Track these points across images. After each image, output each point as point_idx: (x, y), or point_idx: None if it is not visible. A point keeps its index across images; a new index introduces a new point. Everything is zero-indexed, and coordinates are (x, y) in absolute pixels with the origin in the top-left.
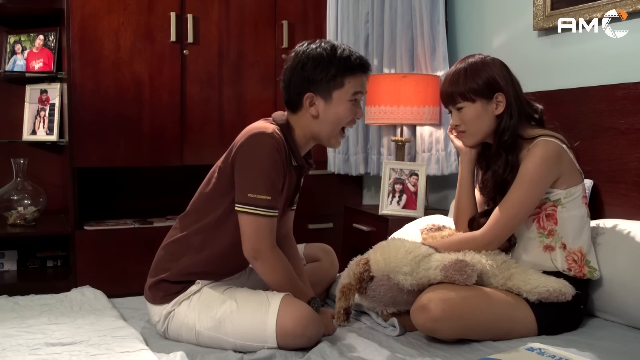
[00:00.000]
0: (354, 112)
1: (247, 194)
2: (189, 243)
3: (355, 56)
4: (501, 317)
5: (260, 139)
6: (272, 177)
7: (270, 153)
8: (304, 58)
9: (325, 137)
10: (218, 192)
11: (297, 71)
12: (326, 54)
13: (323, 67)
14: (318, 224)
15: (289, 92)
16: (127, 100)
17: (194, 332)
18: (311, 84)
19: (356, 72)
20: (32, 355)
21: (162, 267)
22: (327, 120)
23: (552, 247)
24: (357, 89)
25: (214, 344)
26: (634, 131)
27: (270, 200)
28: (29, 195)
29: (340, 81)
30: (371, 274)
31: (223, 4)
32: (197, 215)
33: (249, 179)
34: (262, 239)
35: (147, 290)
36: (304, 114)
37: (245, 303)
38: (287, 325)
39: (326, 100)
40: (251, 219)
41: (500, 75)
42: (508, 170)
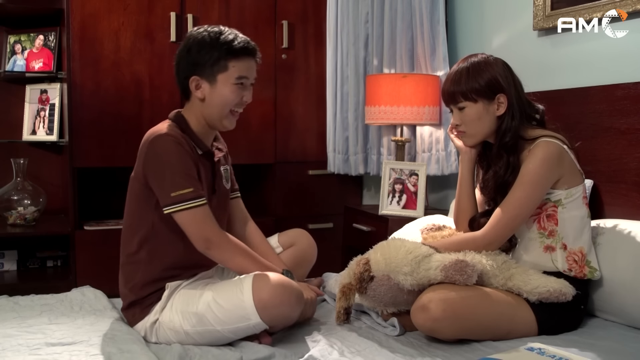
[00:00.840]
0: (240, 95)
1: (169, 194)
2: (136, 260)
3: (240, 40)
4: (501, 317)
5: (158, 142)
6: (185, 170)
7: (172, 149)
8: (190, 42)
9: (217, 119)
10: (141, 203)
11: (184, 55)
12: (210, 38)
13: (207, 51)
14: (318, 224)
15: (179, 77)
16: (127, 100)
17: (182, 334)
18: (196, 68)
19: (240, 56)
20: (32, 355)
21: (124, 293)
22: (214, 103)
23: (552, 247)
24: (241, 73)
25: (206, 339)
26: (634, 131)
27: (193, 191)
28: (29, 195)
29: (224, 64)
30: (371, 274)
31: (223, 4)
32: (131, 231)
33: (165, 181)
34: (205, 228)
35: (124, 314)
36: (193, 100)
37: (220, 290)
38: (264, 297)
39: (211, 84)
40: (185, 214)
41: (503, 76)
42: (509, 171)
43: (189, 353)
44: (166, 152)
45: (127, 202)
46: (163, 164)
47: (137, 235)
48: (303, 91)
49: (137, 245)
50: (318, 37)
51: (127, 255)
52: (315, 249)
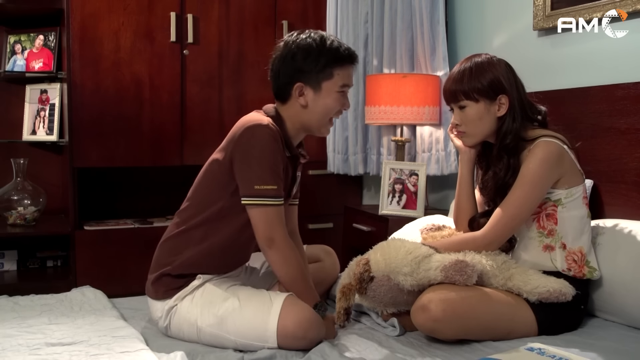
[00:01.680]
0: (342, 103)
1: (253, 186)
2: (189, 236)
3: (344, 47)
4: (501, 317)
5: (257, 131)
6: (274, 167)
7: (269, 143)
8: (294, 48)
9: (315, 126)
10: (217, 185)
11: (287, 61)
12: (316, 45)
13: (313, 58)
14: (318, 224)
15: (277, 82)
16: (127, 100)
17: (195, 329)
18: (301, 74)
19: (345, 63)
20: (32, 355)
21: (163, 262)
22: (316, 111)
23: (551, 247)
24: (345, 81)
25: (215, 342)
26: (634, 131)
27: (276, 189)
28: (29, 195)
29: (330, 72)
30: (371, 274)
31: (223, 4)
32: (196, 208)
33: (252, 171)
34: (275, 228)
35: (149, 286)
36: (292, 104)
37: (248, 302)
38: (289, 327)
39: (315, 91)
40: (261, 210)
41: (505, 77)
42: (509, 173)
43: (190, 352)
44: (262, 142)
45: (199, 180)
46: (255, 154)
47: (200, 215)
48: None
49: (196, 223)
50: None
51: (183, 230)
52: (338, 270)
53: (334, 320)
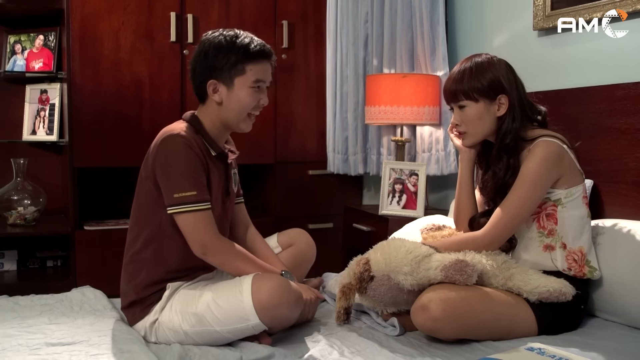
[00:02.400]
0: (257, 98)
1: (172, 195)
2: (141, 259)
3: (256, 44)
4: (501, 317)
5: (170, 142)
6: (191, 173)
7: (183, 151)
8: (206, 47)
9: (233, 122)
10: (150, 201)
11: (201, 59)
12: (226, 42)
13: (224, 55)
14: (318, 224)
15: (194, 81)
16: (127, 100)
17: (181, 334)
18: (213, 71)
19: (257, 59)
20: (32, 355)
21: (126, 291)
22: (231, 107)
23: (552, 246)
24: (258, 76)
25: (205, 339)
26: (634, 131)
27: (196, 195)
28: (29, 195)
29: (241, 68)
30: (371, 274)
31: (223, 4)
32: (138, 228)
33: (170, 181)
34: (203, 232)
35: (124, 313)
36: (210, 103)
37: (220, 290)
38: (263, 298)
39: (228, 87)
40: (185, 217)
41: (505, 77)
42: (509, 173)
43: (188, 353)
44: (175, 152)
45: (135, 200)
46: (170, 164)
47: (143, 234)
48: (303, 91)
49: (142, 243)
50: (318, 37)
51: (132, 254)
52: (314, 248)
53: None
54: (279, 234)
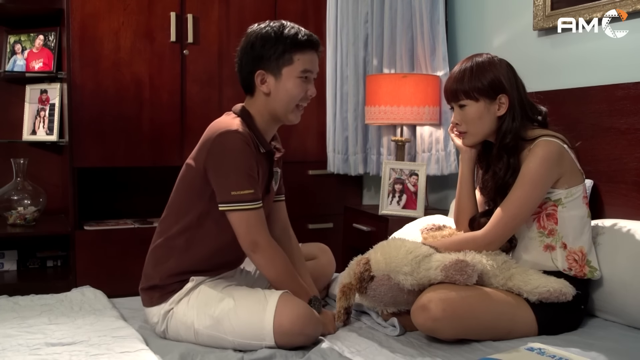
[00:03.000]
0: (305, 89)
1: (230, 192)
2: (172, 245)
3: (303, 33)
4: (501, 317)
5: (228, 137)
6: (248, 171)
7: (241, 148)
8: (252, 38)
9: (282, 113)
10: (194, 192)
11: (247, 51)
12: (274, 32)
13: (271, 45)
14: (318, 224)
15: (242, 73)
16: (127, 100)
17: (192, 331)
18: (261, 62)
19: (304, 49)
20: (32, 355)
21: (150, 274)
22: (279, 97)
23: (552, 246)
24: (306, 66)
25: (213, 343)
26: (634, 131)
27: (253, 193)
28: (29, 195)
29: (289, 58)
30: (372, 274)
31: (223, 4)
32: (176, 217)
33: (228, 178)
34: (257, 231)
35: (141, 293)
36: (258, 95)
37: (243, 301)
38: (285, 324)
39: (276, 77)
40: (241, 215)
41: (506, 77)
42: (509, 173)
43: (190, 352)
44: (233, 149)
45: (176, 188)
46: (229, 161)
47: (180, 222)
48: None
49: (177, 231)
50: (318, 37)
51: (165, 239)
52: (334, 266)
53: (333, 315)
54: (303, 245)
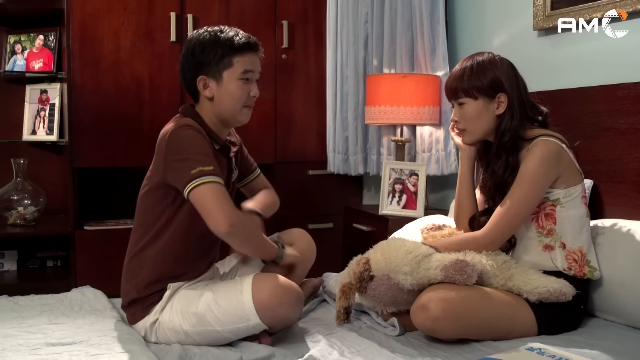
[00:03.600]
0: (247, 90)
1: (190, 172)
2: (143, 256)
3: (240, 36)
4: (501, 317)
5: (180, 132)
6: (205, 152)
7: (195, 136)
8: (192, 44)
9: (229, 116)
10: (155, 199)
11: (188, 57)
12: (210, 37)
13: (210, 49)
14: (318, 224)
15: (185, 80)
16: (127, 100)
17: (182, 334)
18: (202, 67)
19: (243, 51)
20: (32, 355)
21: (127, 289)
22: (223, 101)
23: (551, 246)
24: (246, 67)
25: (205, 339)
26: (634, 131)
27: (213, 169)
28: (29, 195)
29: (229, 61)
30: (371, 274)
31: (223, 4)
32: (143, 228)
33: (186, 162)
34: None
35: (125, 312)
36: (203, 101)
37: (221, 290)
38: (264, 298)
39: (218, 82)
40: (205, 189)
41: (506, 76)
42: (508, 171)
43: (188, 353)
44: (187, 139)
45: (140, 199)
46: (184, 148)
47: (148, 232)
48: (303, 91)
49: (147, 242)
50: (318, 37)
51: (135, 252)
52: (314, 249)
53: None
54: (279, 234)
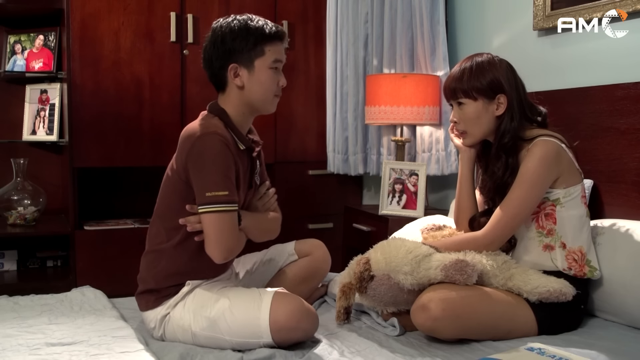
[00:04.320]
0: (277, 79)
1: (205, 193)
2: (162, 249)
3: (271, 25)
4: (501, 317)
5: (207, 140)
6: (224, 172)
7: (220, 150)
8: (222, 32)
9: (260, 104)
10: (178, 195)
11: (217, 45)
12: (241, 25)
13: (242, 37)
14: (318, 224)
15: (212, 69)
16: (127, 100)
17: (190, 334)
18: (233, 55)
19: (274, 40)
20: (32, 355)
21: (145, 278)
22: (254, 90)
23: (551, 246)
24: (276, 56)
25: (211, 344)
26: (634, 131)
27: (227, 195)
28: (29, 195)
29: (261, 49)
30: (371, 274)
31: (223, 4)
32: (162, 222)
33: (204, 180)
34: (228, 235)
35: (137, 298)
36: (231, 90)
37: (238, 300)
38: (281, 319)
39: (249, 70)
40: (214, 218)
41: (505, 77)
42: (508, 172)
43: (190, 352)
44: (211, 150)
45: (161, 193)
46: (206, 163)
47: (168, 226)
48: (303, 91)
49: (166, 234)
50: (318, 37)
51: (155, 243)
52: (329, 262)
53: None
54: (297, 242)
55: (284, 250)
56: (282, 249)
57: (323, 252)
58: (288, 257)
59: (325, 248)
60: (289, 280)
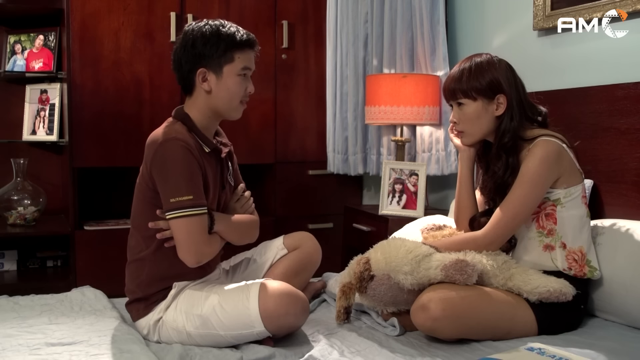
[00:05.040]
0: (244, 86)
1: (169, 200)
2: (142, 257)
3: (242, 33)
4: (501, 317)
5: (168, 146)
6: (188, 177)
7: (182, 155)
8: (193, 36)
9: (224, 110)
10: (148, 204)
11: (188, 49)
12: (213, 31)
13: (213, 43)
14: (318, 224)
15: (181, 71)
16: (127, 100)
17: (184, 335)
18: (202, 60)
19: (244, 47)
20: (32, 355)
21: (131, 289)
22: (220, 95)
23: (552, 246)
24: (246, 63)
25: (207, 341)
26: (634, 131)
27: (192, 200)
28: (29, 195)
29: (231, 56)
30: (371, 273)
31: (223, 4)
32: (138, 232)
33: (168, 186)
34: (198, 239)
35: (128, 309)
36: (198, 94)
37: (227, 295)
38: (270, 306)
39: (217, 75)
40: (181, 223)
41: (504, 77)
42: (508, 172)
43: (189, 353)
44: (173, 156)
45: (134, 202)
46: (168, 169)
47: (144, 234)
48: (303, 91)
49: (144, 243)
50: (318, 37)
51: (134, 253)
52: (320, 252)
53: None
54: (285, 236)
55: (273, 246)
56: (271, 245)
57: (312, 243)
58: (278, 251)
59: (315, 239)
60: (282, 275)
